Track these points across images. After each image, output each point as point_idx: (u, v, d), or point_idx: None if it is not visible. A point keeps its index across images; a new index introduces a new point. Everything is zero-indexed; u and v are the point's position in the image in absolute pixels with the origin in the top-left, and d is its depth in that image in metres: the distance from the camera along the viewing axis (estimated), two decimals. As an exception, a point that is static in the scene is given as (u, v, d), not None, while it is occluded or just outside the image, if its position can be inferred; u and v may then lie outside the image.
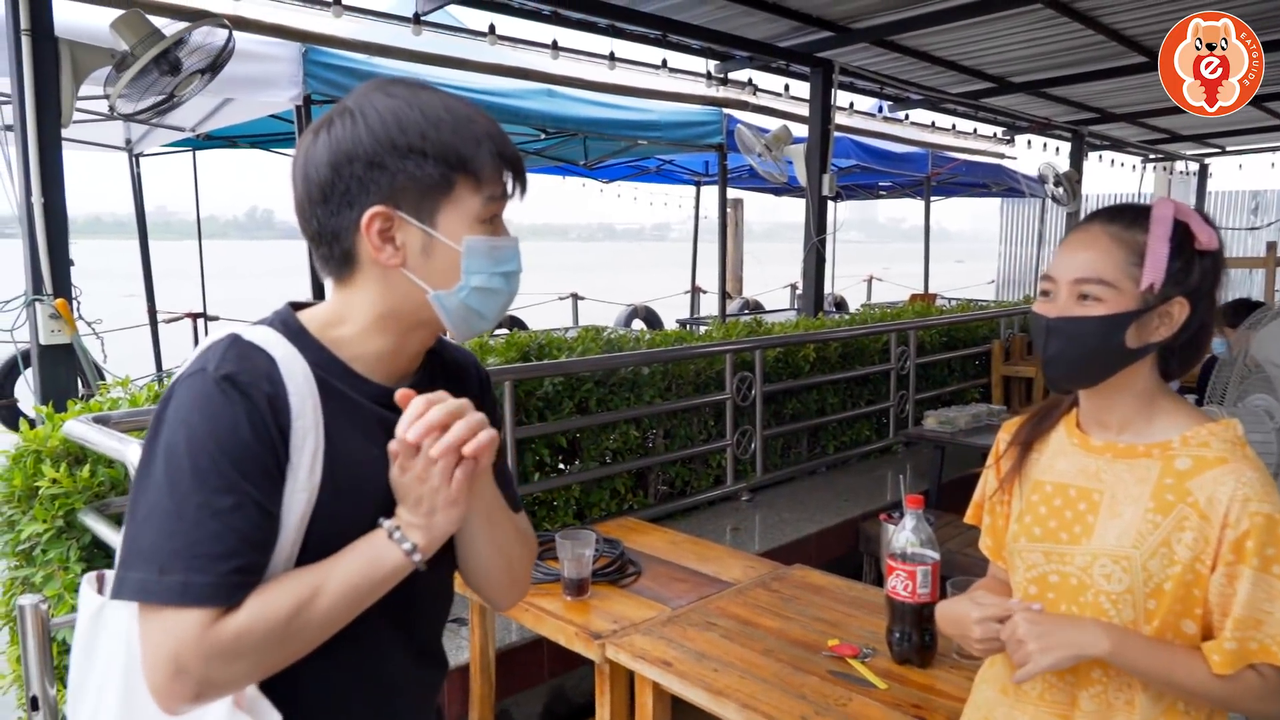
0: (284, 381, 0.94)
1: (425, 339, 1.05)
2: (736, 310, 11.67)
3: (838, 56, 6.14)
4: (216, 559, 0.88)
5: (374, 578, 0.96)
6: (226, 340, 0.96)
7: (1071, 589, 1.23)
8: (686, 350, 4.01)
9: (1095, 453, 1.27)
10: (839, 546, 4.02)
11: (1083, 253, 1.22)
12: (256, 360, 0.95)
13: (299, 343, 0.99)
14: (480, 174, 0.98)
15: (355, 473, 0.98)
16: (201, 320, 7.94)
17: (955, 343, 6.11)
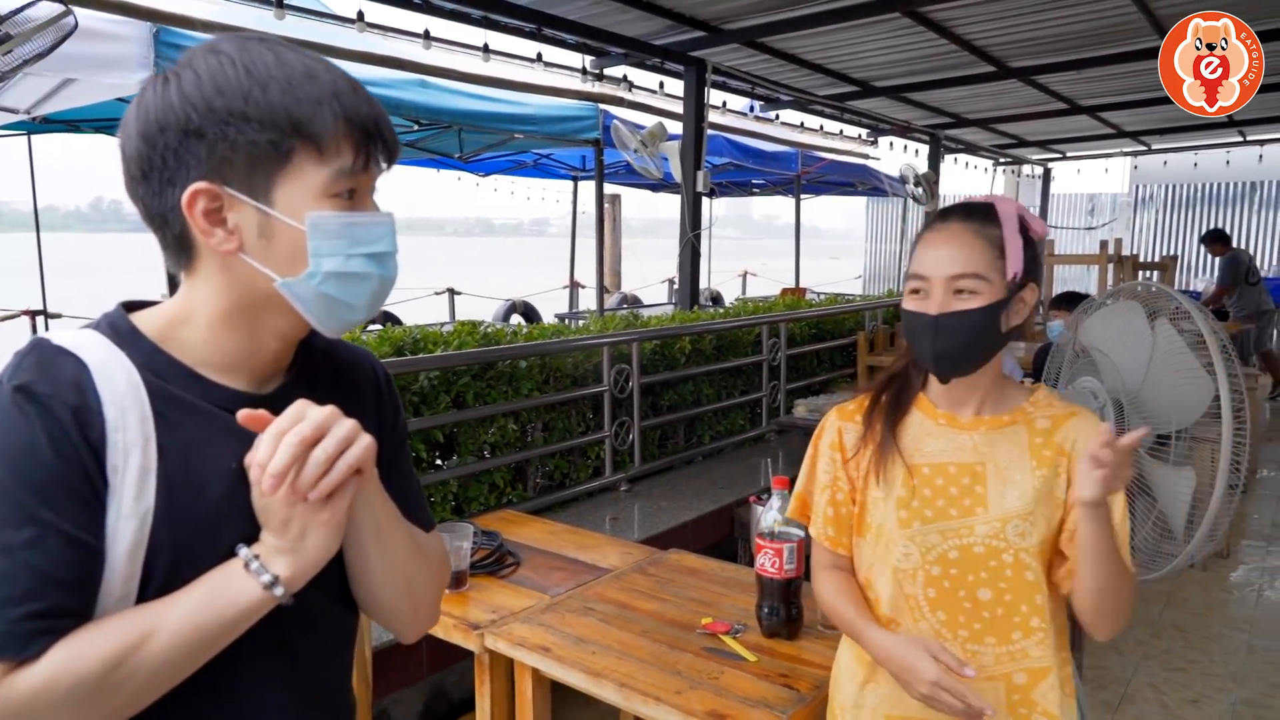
0: (96, 390, 0.80)
1: (287, 334, 0.91)
2: (615, 305, 11.76)
3: (711, 56, 6.28)
4: (7, 603, 0.75)
5: (224, 616, 0.81)
6: (27, 346, 0.82)
7: (977, 558, 1.34)
8: (564, 343, 4.03)
9: (968, 429, 1.38)
10: (715, 532, 4.14)
11: (951, 250, 1.32)
12: (61, 367, 0.80)
13: (128, 346, 0.85)
14: (321, 140, 0.83)
15: (202, 494, 0.84)
16: (41, 318, 7.38)
17: (824, 334, 6.38)
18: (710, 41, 5.95)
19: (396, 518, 0.96)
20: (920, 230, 1.42)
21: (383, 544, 0.94)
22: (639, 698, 1.73)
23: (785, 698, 1.70)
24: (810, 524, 1.52)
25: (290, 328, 0.90)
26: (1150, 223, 14.22)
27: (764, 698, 1.70)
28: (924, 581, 1.37)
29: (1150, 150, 11.57)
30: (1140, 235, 14.26)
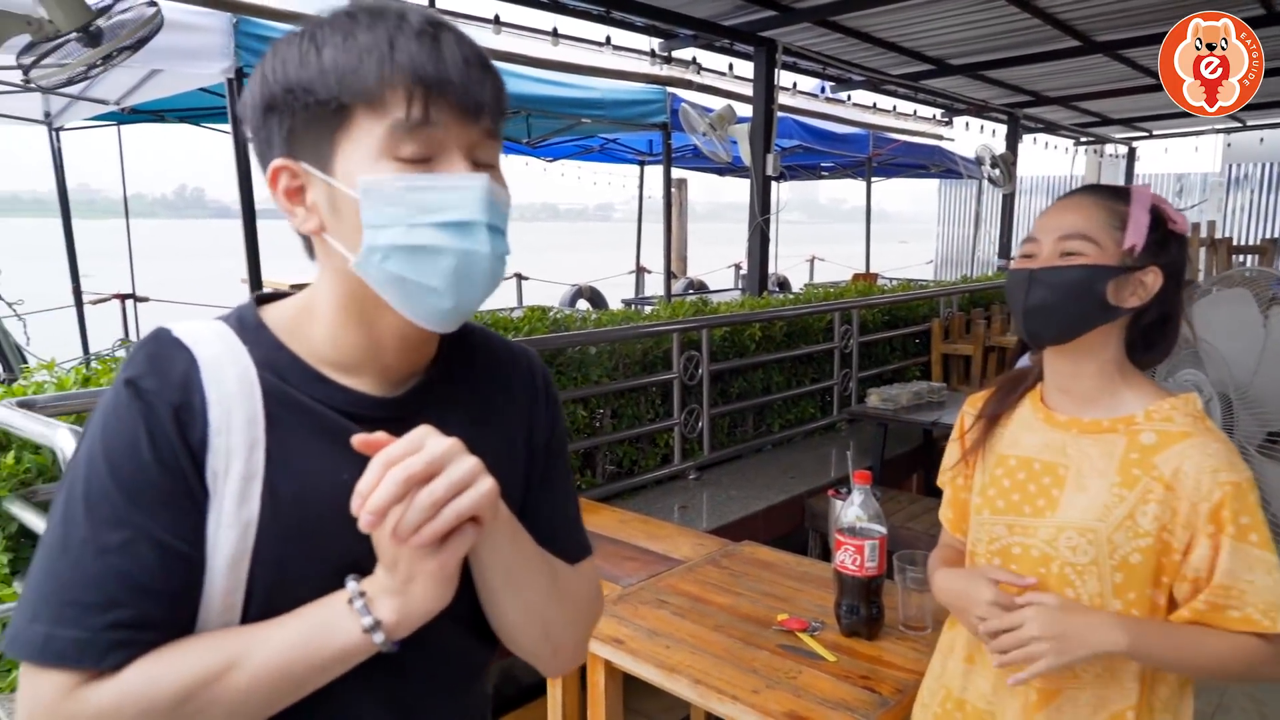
0: (202, 387, 0.74)
1: (405, 331, 0.79)
2: (681, 290, 11.70)
3: (781, 36, 6.15)
4: (91, 609, 0.69)
5: (317, 657, 0.73)
6: (147, 335, 0.78)
7: (1033, 560, 1.26)
8: (633, 330, 4.00)
9: (1060, 428, 1.29)
10: (786, 523, 4.07)
11: (1068, 214, 1.25)
12: (172, 361, 0.75)
13: (251, 342, 0.79)
14: (370, 92, 0.72)
15: (311, 508, 0.76)
16: (130, 301, 7.67)
17: (896, 321, 6.22)
18: (781, 21, 5.83)
19: (532, 561, 0.84)
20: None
21: (514, 589, 0.83)
22: (715, 695, 1.69)
23: (867, 701, 1.65)
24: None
25: (407, 323, 0.78)
26: (1244, 204, 13.52)
27: (844, 700, 1.65)
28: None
29: (1245, 127, 10.99)
30: (1233, 217, 13.58)
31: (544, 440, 0.94)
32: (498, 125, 0.78)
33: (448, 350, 0.88)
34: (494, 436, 0.88)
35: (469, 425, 0.82)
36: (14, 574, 2.30)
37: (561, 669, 0.93)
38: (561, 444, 0.97)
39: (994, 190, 10.06)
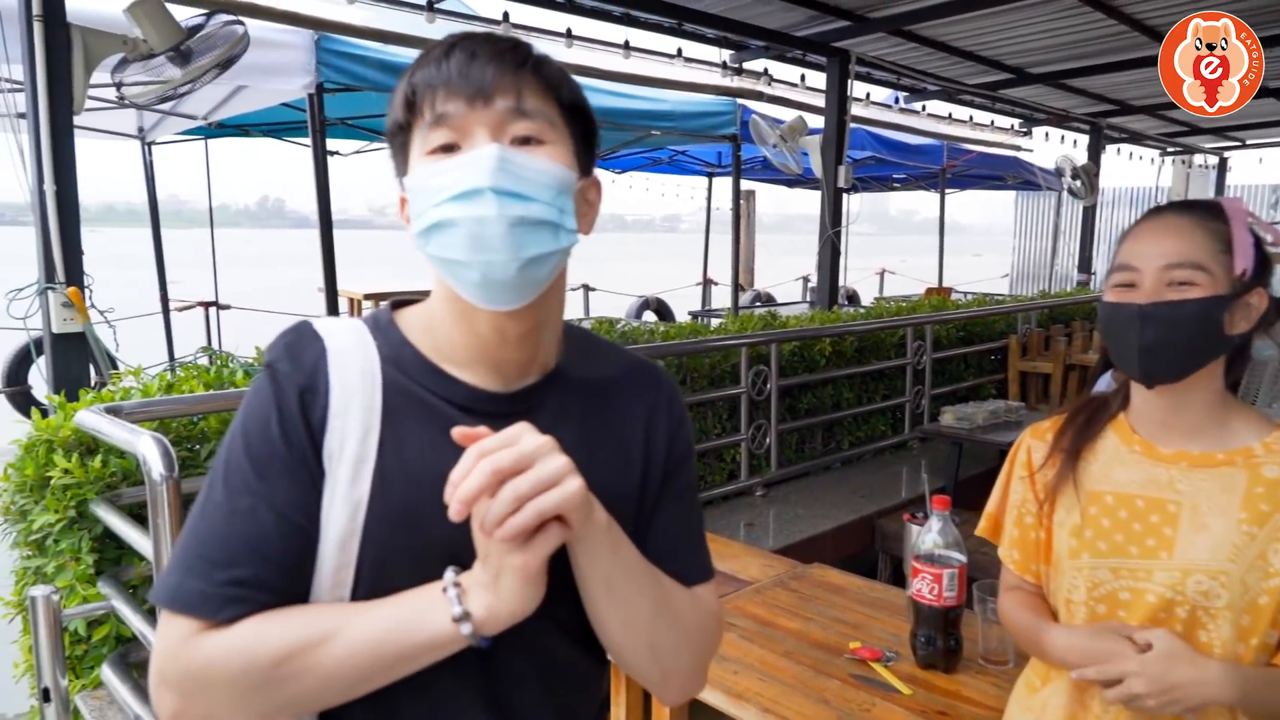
0: (328, 373, 0.81)
1: (498, 323, 0.81)
2: (748, 302, 11.61)
3: (854, 46, 6.07)
4: (217, 564, 0.76)
5: (407, 641, 0.75)
6: (290, 326, 0.85)
7: (1149, 606, 1.17)
8: (701, 343, 3.97)
9: (1166, 461, 1.20)
10: (855, 543, 3.98)
11: (1168, 240, 1.17)
12: (306, 349, 0.82)
13: (381, 338, 0.85)
14: (418, 101, 0.80)
15: (417, 494, 0.80)
16: (214, 309, 7.94)
17: (972, 337, 6.05)
18: (854, 31, 5.74)
19: (636, 575, 0.82)
20: (1127, 228, 1.26)
21: (616, 603, 0.82)
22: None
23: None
24: (999, 545, 1.40)
25: (491, 312, 0.80)
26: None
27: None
28: (1086, 617, 1.23)
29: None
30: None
31: (663, 455, 0.93)
32: (528, 101, 0.80)
33: (568, 355, 0.91)
34: (605, 444, 0.89)
35: (578, 428, 0.87)
36: (98, 574, 2.37)
37: (675, 697, 0.90)
38: (684, 461, 0.95)
39: (1074, 202, 9.74)
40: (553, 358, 0.90)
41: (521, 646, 0.81)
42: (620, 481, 0.88)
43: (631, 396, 0.93)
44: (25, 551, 2.42)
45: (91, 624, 2.41)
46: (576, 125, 0.85)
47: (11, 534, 2.45)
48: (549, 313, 0.86)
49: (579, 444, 0.80)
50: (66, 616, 2.26)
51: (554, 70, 0.83)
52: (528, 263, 0.77)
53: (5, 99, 3.29)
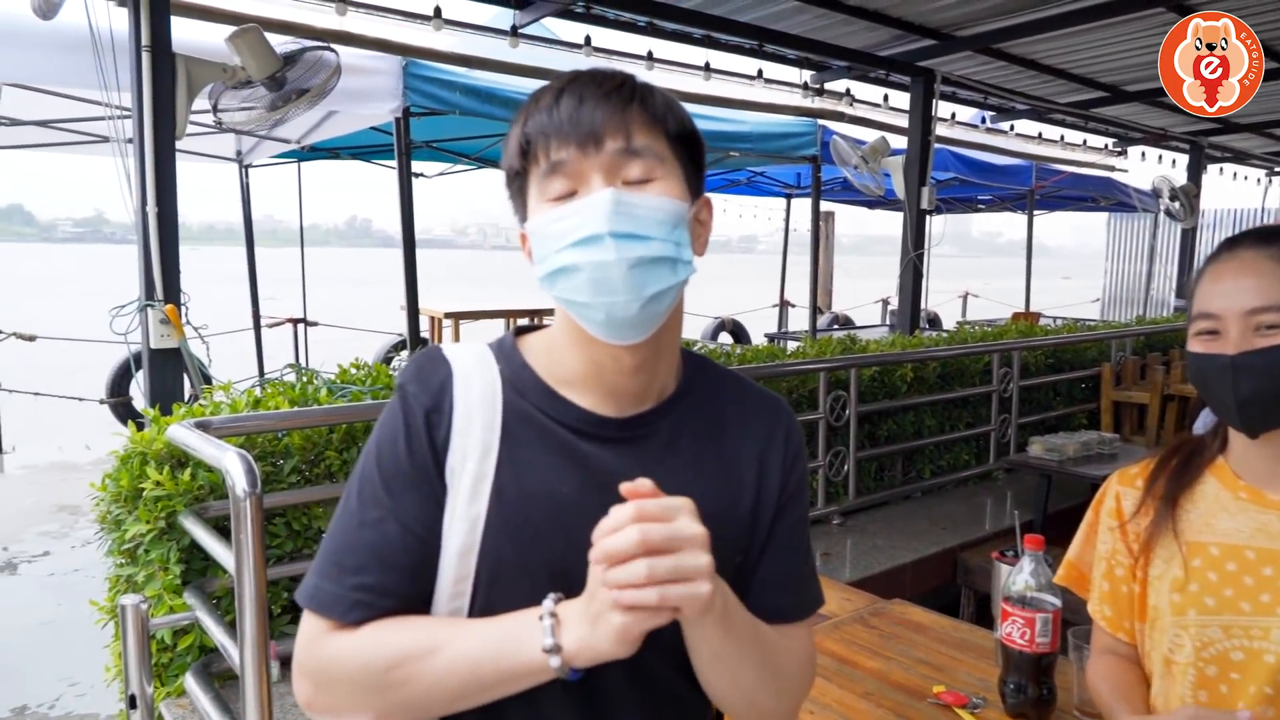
0: (452, 394, 0.85)
1: (612, 349, 0.84)
2: (826, 325, 11.44)
3: (940, 65, 5.94)
4: (347, 570, 0.82)
5: (503, 664, 0.77)
6: (422, 350, 0.91)
7: (1267, 668, 1.08)
8: (779, 367, 3.90)
9: (1277, 509, 1.12)
10: (935, 577, 3.84)
11: (1248, 280, 1.09)
12: (435, 371, 0.87)
13: (504, 361, 0.90)
14: (532, 149, 0.83)
15: (529, 513, 0.83)
16: (302, 325, 8.21)
17: (1062, 365, 5.81)
18: (940, 50, 5.63)
19: (743, 648, 0.82)
20: (1203, 264, 1.17)
21: (721, 670, 0.83)
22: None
23: (1037, 794, 1.48)
24: (1089, 600, 1.31)
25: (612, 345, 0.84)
26: None
27: (1011, 790, 1.49)
28: (1194, 681, 1.13)
29: None
30: None
31: (778, 486, 0.94)
32: (637, 139, 0.82)
33: (686, 381, 0.93)
34: (718, 471, 0.91)
35: (691, 455, 0.90)
36: (185, 584, 2.44)
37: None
38: (799, 494, 0.97)
39: (1171, 224, 9.33)
40: (670, 384, 0.92)
41: (623, 669, 0.80)
42: (732, 509, 0.90)
43: (748, 425, 0.94)
44: (118, 559, 2.51)
45: (177, 633, 2.48)
46: (685, 151, 0.86)
47: (107, 542, 2.54)
48: (665, 342, 0.88)
49: (691, 470, 0.87)
50: (154, 625, 2.32)
51: (658, 103, 0.85)
52: (649, 300, 0.80)
53: (115, 125, 3.46)
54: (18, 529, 4.94)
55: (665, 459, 0.85)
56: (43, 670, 3.29)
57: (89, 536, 4.59)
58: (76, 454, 6.73)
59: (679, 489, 0.76)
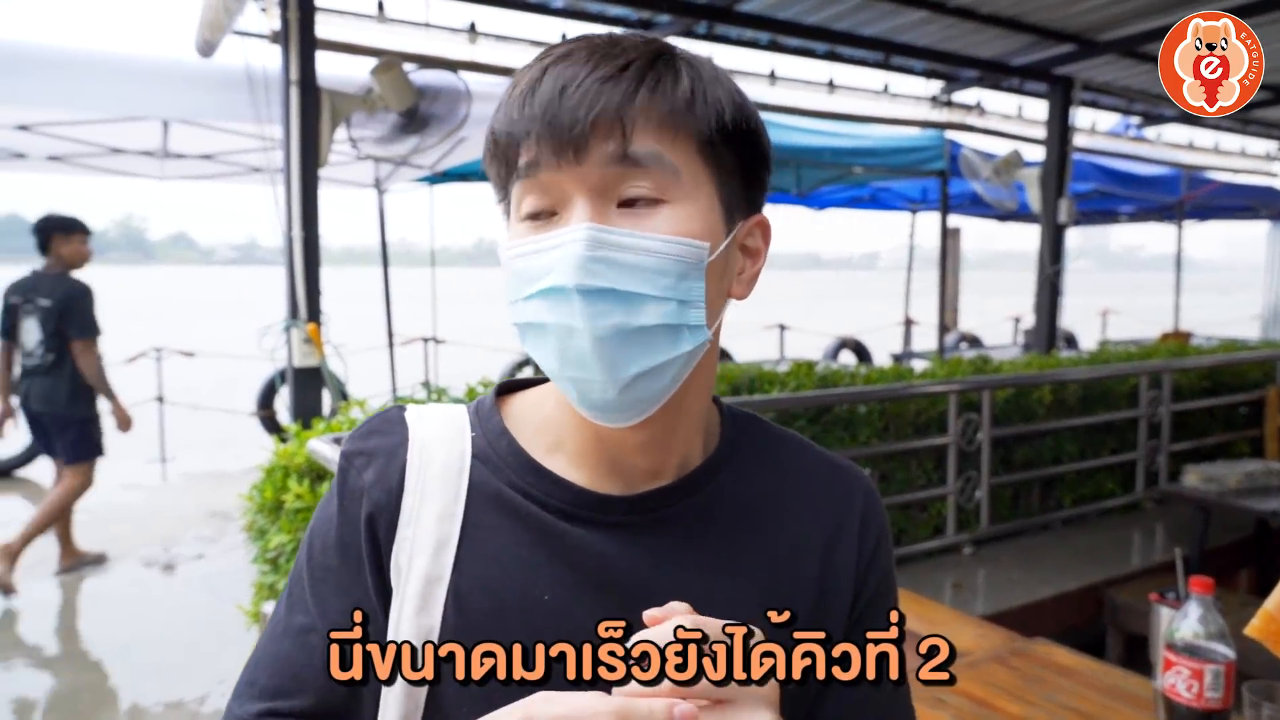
0: (401, 469, 0.66)
1: (615, 432, 0.66)
2: (952, 344, 11.02)
3: (1079, 72, 5.64)
4: (257, 690, 0.66)
5: None
6: (381, 410, 0.73)
7: None
8: (906, 389, 3.76)
9: None
10: (1078, 615, 3.59)
11: None
12: (386, 437, 0.68)
13: (481, 426, 0.69)
14: (499, 148, 0.62)
15: (496, 624, 0.63)
16: (432, 343, 8.52)
17: (1218, 388, 5.38)
18: (1080, 55, 5.34)
19: None
20: None
21: None
22: (1007, 824, 1.47)
23: None
24: None
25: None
26: None
27: None
28: None
29: None
30: None
31: (853, 588, 0.71)
32: (641, 142, 0.59)
33: (725, 449, 0.72)
34: (763, 570, 0.69)
35: (722, 546, 0.68)
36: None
37: None
38: (880, 600, 0.73)
39: (1347, 235, 8.51)
40: (698, 453, 0.70)
41: None
42: (784, 623, 0.64)
43: (810, 506, 0.72)
44: (262, 567, 2.64)
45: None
46: (730, 159, 0.62)
47: (254, 549, 2.69)
48: (683, 413, 0.67)
49: (724, 569, 0.66)
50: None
51: (684, 88, 0.60)
52: (632, 382, 0.60)
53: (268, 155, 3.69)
54: (177, 532, 5.31)
55: (688, 553, 0.65)
56: (195, 668, 3.50)
57: (239, 542, 4.89)
58: (228, 463, 7.19)
59: (705, 595, 0.59)
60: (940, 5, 4.62)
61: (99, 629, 3.98)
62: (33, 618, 4.11)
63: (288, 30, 3.29)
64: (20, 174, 6.92)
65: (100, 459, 4.76)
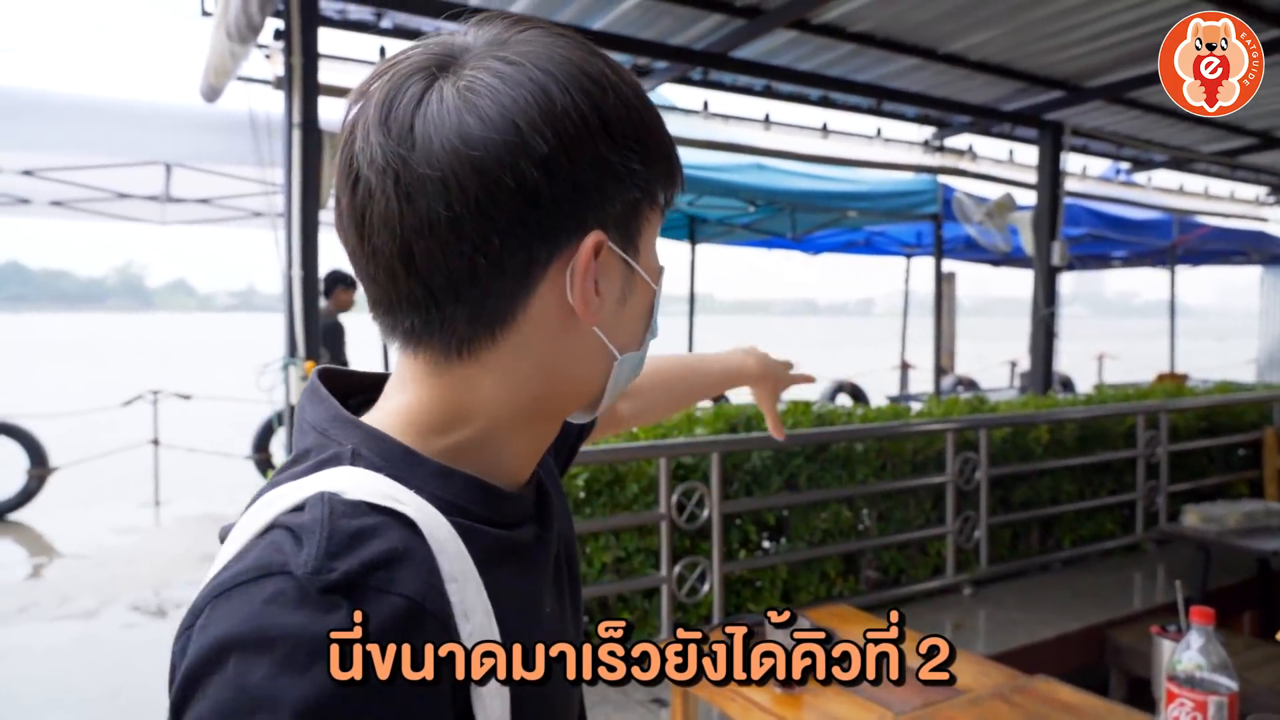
0: (444, 580, 0.52)
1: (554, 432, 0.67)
2: (949, 387, 11.04)
3: (1069, 117, 5.75)
4: None
5: None
6: (320, 507, 0.50)
7: None
8: (904, 427, 3.77)
9: None
10: (1080, 656, 3.55)
11: None
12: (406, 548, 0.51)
13: (411, 478, 0.56)
14: (673, 172, 0.63)
15: (548, 670, 0.57)
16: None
17: (1216, 428, 5.38)
18: (1069, 101, 5.45)
19: None
20: None
21: None
22: None
23: None
24: None
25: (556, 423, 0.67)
26: None
27: None
28: None
29: None
30: None
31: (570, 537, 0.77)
32: None
33: None
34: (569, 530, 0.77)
35: (555, 482, 0.77)
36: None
37: None
38: (556, 529, 0.71)
39: (1338, 279, 8.60)
40: None
41: None
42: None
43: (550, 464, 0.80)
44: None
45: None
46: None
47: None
48: None
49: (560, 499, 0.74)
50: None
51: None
52: None
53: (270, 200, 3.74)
54: (168, 575, 5.25)
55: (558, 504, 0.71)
56: (184, 712, 3.44)
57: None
58: (223, 506, 7.14)
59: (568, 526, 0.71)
60: (931, 52, 4.72)
61: (90, 672, 3.92)
62: (23, 661, 4.04)
63: (291, 75, 3.35)
64: (23, 219, 6.98)
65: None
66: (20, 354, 32.31)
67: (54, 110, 4.62)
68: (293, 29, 3.33)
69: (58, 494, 7.00)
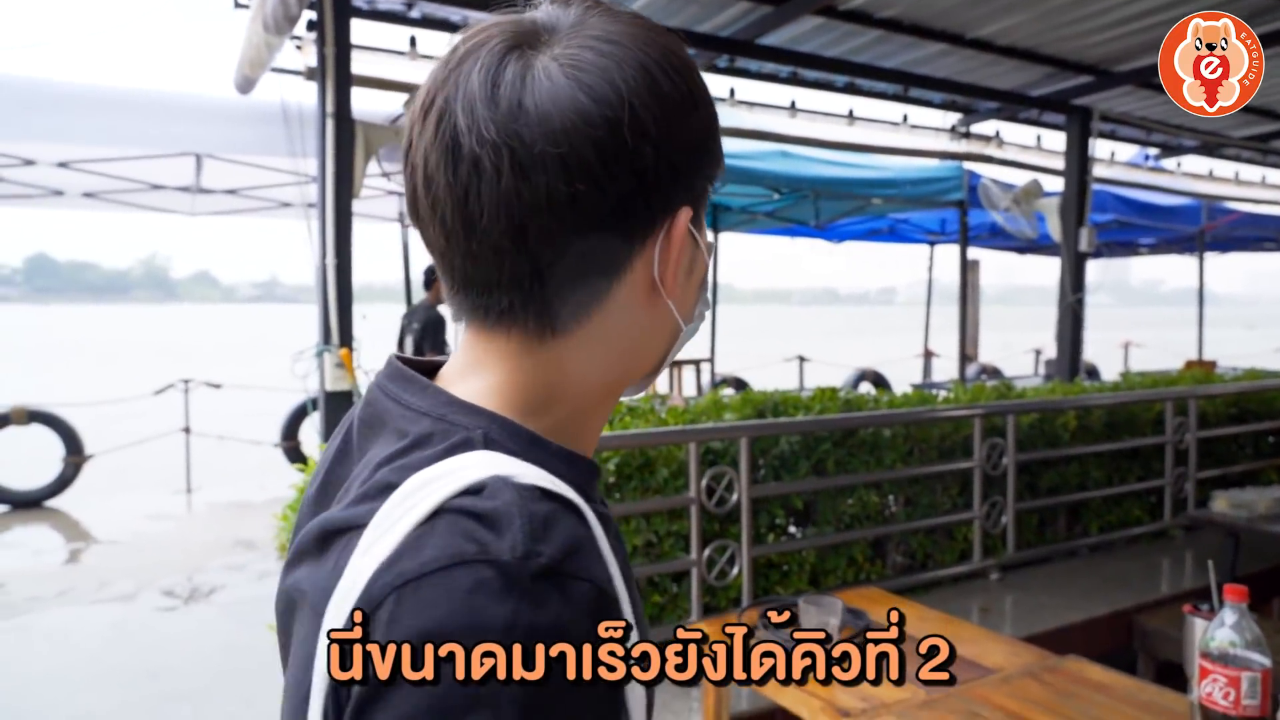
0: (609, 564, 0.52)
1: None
2: (973, 375, 10.99)
3: (1097, 102, 5.70)
4: None
5: None
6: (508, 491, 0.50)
7: None
8: (932, 413, 3.77)
9: None
10: (1108, 641, 3.56)
11: None
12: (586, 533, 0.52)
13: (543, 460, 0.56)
14: (722, 153, 0.67)
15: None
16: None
17: (1246, 415, 5.34)
18: (1097, 86, 5.41)
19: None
20: None
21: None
22: (1047, 832, 1.46)
23: None
24: None
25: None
26: None
27: None
28: None
29: None
30: None
31: None
32: None
33: None
34: None
35: None
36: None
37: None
38: None
39: (1372, 265, 8.48)
40: None
41: None
42: None
43: None
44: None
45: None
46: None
47: (286, 568, 2.72)
48: None
49: None
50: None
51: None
52: None
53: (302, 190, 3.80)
54: (201, 561, 5.36)
55: None
56: (223, 691, 3.52)
57: (263, 570, 4.92)
58: (253, 493, 7.25)
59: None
60: (959, 37, 4.70)
61: (125, 656, 4.01)
62: (64, 643, 4.15)
63: (324, 66, 3.40)
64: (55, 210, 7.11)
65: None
66: (52, 344, 32.84)
67: (89, 103, 4.70)
68: (325, 20, 3.37)
69: (93, 481, 7.14)
